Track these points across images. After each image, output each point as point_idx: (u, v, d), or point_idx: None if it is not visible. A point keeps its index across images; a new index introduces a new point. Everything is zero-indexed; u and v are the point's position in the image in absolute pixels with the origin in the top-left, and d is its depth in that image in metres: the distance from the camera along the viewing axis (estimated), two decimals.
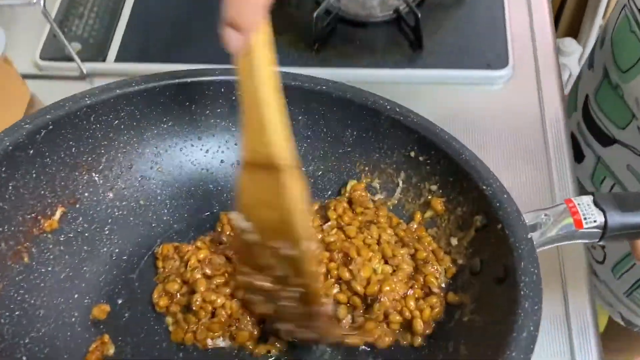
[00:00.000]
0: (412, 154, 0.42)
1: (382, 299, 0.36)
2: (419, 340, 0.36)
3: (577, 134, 0.60)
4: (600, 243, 0.35)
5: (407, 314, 0.36)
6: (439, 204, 0.41)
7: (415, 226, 0.41)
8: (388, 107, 0.42)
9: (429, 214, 0.42)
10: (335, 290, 0.38)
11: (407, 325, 0.36)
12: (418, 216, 0.42)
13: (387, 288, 0.36)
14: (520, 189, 0.49)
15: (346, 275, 0.38)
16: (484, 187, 0.37)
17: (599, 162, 0.57)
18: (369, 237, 0.40)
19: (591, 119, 0.57)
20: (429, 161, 0.41)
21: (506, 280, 0.33)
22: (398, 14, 0.58)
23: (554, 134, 0.53)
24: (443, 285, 0.38)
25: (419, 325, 0.36)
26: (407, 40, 0.58)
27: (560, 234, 0.34)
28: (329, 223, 0.41)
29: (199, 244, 0.40)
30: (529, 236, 0.34)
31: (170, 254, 0.40)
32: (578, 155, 0.60)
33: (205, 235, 0.42)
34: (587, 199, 0.35)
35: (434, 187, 0.41)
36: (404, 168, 0.43)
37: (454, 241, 0.39)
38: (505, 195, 0.36)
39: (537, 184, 0.50)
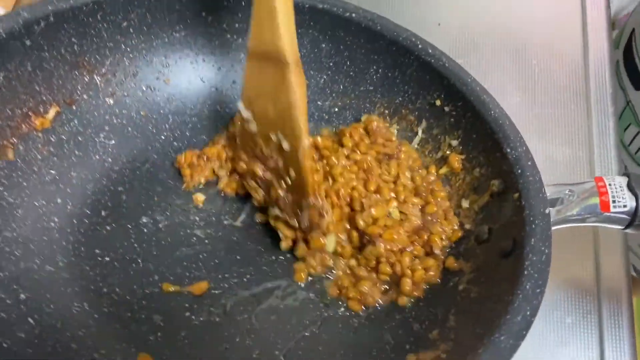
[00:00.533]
0: (438, 102, 0.38)
1: (378, 243, 0.33)
2: (404, 300, 0.33)
3: (613, 75, 0.55)
4: (626, 230, 0.31)
5: (399, 269, 0.33)
6: (456, 161, 0.37)
7: (432, 178, 0.38)
8: (420, 46, 0.38)
9: (444, 170, 0.38)
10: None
11: (396, 282, 0.34)
12: (433, 170, 0.38)
13: (389, 236, 0.34)
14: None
15: (357, 206, 0.35)
16: (508, 150, 0.33)
17: (627, 107, 0.53)
18: (386, 173, 0.37)
19: (631, 56, 0.53)
20: (454, 112, 0.37)
21: (512, 255, 0.30)
22: None
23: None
24: (446, 247, 0.35)
25: (407, 284, 0.33)
26: None
27: (582, 214, 0.31)
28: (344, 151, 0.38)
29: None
30: (547, 211, 0.30)
31: (196, 160, 0.39)
32: None
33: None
34: (621, 180, 0.31)
35: (454, 142, 0.38)
36: (426, 117, 0.39)
37: (465, 203, 0.36)
38: (529, 163, 0.32)
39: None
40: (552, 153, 0.47)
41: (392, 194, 0.36)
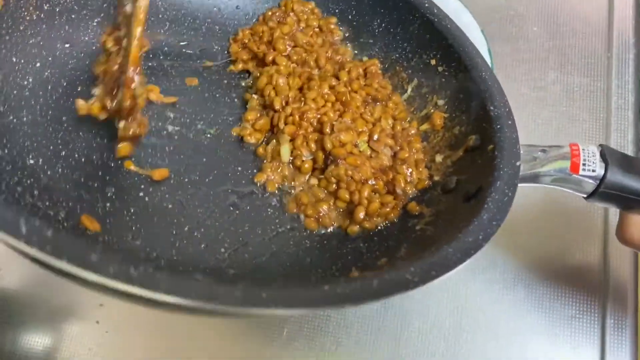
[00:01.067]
0: (433, 62, 0.38)
1: (340, 164, 0.33)
2: (354, 229, 0.33)
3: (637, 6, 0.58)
4: (589, 200, 0.31)
5: (356, 197, 0.33)
6: (439, 118, 0.37)
7: (413, 131, 0.38)
8: (426, 4, 0.39)
9: (425, 126, 0.38)
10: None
11: (352, 211, 0.33)
12: (415, 125, 0.38)
13: (353, 161, 0.33)
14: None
15: (327, 129, 0.35)
16: (491, 109, 0.33)
17: None
18: (369, 114, 0.37)
19: None
20: (446, 73, 0.38)
21: (475, 198, 0.30)
22: None
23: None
24: (410, 193, 0.34)
25: (360, 212, 0.32)
26: None
27: (551, 173, 0.31)
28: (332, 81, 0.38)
29: None
30: (518, 163, 0.30)
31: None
32: None
33: None
34: (594, 148, 0.31)
35: (441, 102, 0.38)
36: (418, 75, 0.39)
37: (439, 158, 0.36)
38: (509, 122, 0.33)
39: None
40: (570, 83, 0.49)
41: (366, 129, 0.36)
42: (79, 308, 0.46)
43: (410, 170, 0.35)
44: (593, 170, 0.30)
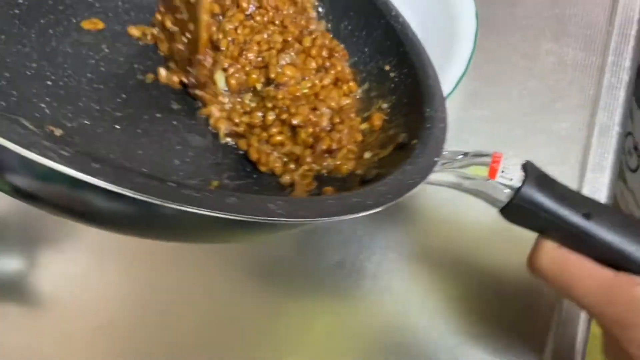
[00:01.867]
0: (387, 67, 0.38)
1: (280, 89, 0.35)
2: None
3: None
4: (502, 213, 0.31)
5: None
6: (379, 119, 0.37)
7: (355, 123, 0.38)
8: (393, 13, 0.39)
9: (364, 126, 0.38)
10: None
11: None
12: (359, 122, 0.38)
13: (294, 89, 0.35)
14: None
15: (273, 61, 0.36)
16: (427, 110, 0.33)
17: None
18: (319, 79, 0.38)
19: None
20: (396, 79, 0.38)
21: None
22: None
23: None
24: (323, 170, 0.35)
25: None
26: None
27: (469, 176, 0.31)
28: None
29: None
30: (436, 159, 0.30)
31: None
32: None
33: None
34: (517, 161, 0.31)
35: (385, 105, 0.38)
36: (370, 79, 0.39)
37: (367, 155, 0.36)
38: (442, 125, 0.33)
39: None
40: (564, 56, 0.50)
41: (314, 84, 0.37)
42: (53, 235, 0.49)
43: (337, 147, 0.35)
44: (510, 179, 0.30)
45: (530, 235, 0.31)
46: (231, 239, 0.33)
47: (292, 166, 0.34)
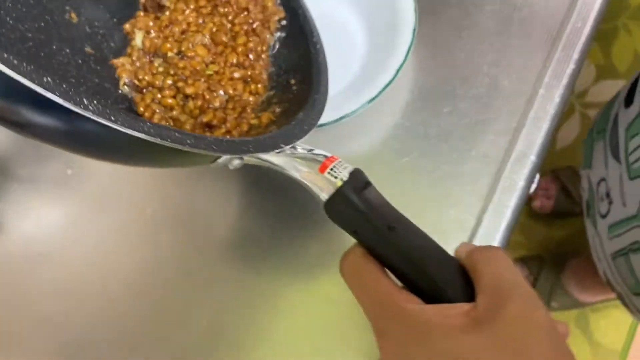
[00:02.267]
0: (293, 81, 0.43)
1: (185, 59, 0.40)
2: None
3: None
4: (325, 207, 0.34)
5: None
6: (267, 118, 0.41)
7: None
8: (314, 38, 0.43)
9: (253, 121, 0.42)
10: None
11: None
12: (252, 117, 0.43)
13: (195, 64, 0.41)
14: None
15: (191, 38, 0.42)
16: (300, 114, 0.38)
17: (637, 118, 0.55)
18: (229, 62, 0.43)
19: None
20: (295, 92, 0.42)
21: None
22: None
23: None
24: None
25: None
26: None
27: (304, 165, 0.34)
28: None
29: None
30: (280, 148, 0.34)
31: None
32: (628, 98, 0.60)
33: None
34: (349, 166, 0.34)
35: (278, 110, 0.42)
36: (277, 89, 0.44)
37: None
38: (306, 127, 0.37)
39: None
40: (500, 82, 0.53)
41: (221, 68, 0.42)
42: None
43: (217, 123, 0.40)
44: (335, 177, 0.33)
45: None
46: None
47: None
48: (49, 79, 0.25)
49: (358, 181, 0.33)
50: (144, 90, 0.40)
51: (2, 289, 0.53)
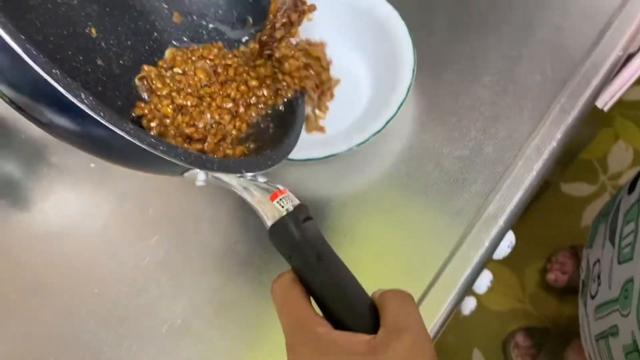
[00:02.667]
0: (272, 128, 0.50)
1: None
2: None
3: None
4: (270, 231, 0.38)
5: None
6: (241, 152, 0.47)
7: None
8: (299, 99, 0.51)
9: (229, 151, 0.48)
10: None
11: None
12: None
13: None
14: None
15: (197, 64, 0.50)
16: (268, 152, 0.43)
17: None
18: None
19: None
20: (272, 135, 0.48)
21: None
22: None
23: None
24: None
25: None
26: None
27: (258, 191, 0.39)
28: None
29: None
30: (242, 173, 0.39)
31: None
32: (632, 185, 0.63)
33: None
34: (296, 200, 0.38)
35: (252, 146, 0.47)
36: (256, 132, 0.50)
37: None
38: (270, 162, 0.42)
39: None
40: (485, 147, 0.54)
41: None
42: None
43: (197, 138, 0.46)
44: (282, 207, 0.37)
45: None
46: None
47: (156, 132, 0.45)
48: (56, 71, 0.29)
49: (300, 214, 0.37)
50: (151, 94, 0.47)
51: (21, 260, 0.60)
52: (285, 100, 0.51)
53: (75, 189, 0.63)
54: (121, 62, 0.48)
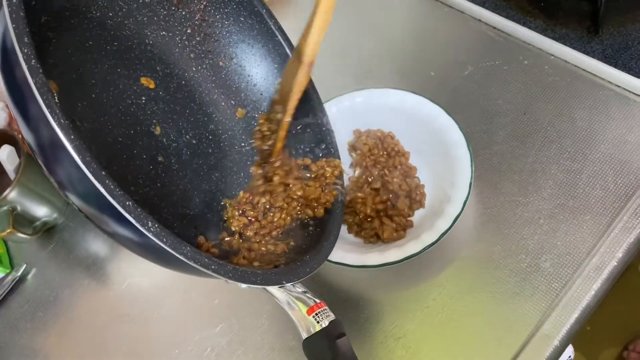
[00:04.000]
0: (312, 223, 0.53)
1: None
2: None
3: None
4: (304, 342, 0.40)
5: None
6: (281, 248, 0.50)
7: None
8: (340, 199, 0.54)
9: (270, 247, 0.51)
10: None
11: None
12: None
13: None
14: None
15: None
16: (307, 257, 0.46)
17: None
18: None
19: None
20: (312, 232, 0.52)
21: None
22: None
23: None
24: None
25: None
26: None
27: (296, 302, 0.41)
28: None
29: None
30: (282, 284, 0.41)
31: None
32: None
33: None
34: (332, 316, 0.41)
35: (292, 243, 0.50)
36: (295, 230, 0.53)
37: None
38: (308, 269, 0.44)
39: None
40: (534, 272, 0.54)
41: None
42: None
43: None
44: (317, 322, 0.40)
45: None
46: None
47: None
48: (129, 203, 0.32)
49: (334, 330, 0.39)
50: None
51: (95, 341, 0.65)
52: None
53: (149, 273, 0.68)
54: (180, 156, 0.52)
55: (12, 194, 0.66)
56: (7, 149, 0.67)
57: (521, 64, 0.68)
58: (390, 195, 0.56)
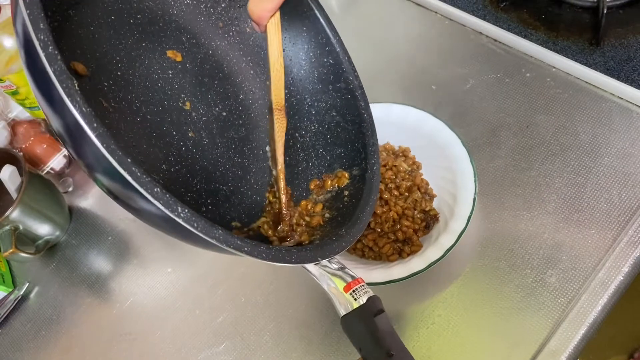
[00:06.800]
0: (346, 192, 0.50)
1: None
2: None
3: None
4: (342, 318, 0.39)
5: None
6: (317, 221, 0.49)
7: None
8: (373, 148, 0.51)
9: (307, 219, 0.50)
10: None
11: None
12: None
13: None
14: None
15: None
16: (342, 230, 0.44)
17: None
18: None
19: None
20: (347, 203, 0.49)
21: None
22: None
23: None
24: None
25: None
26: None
27: (332, 280, 0.40)
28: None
29: None
30: (318, 261, 0.40)
31: None
32: None
33: None
34: (371, 292, 0.40)
35: (327, 215, 0.49)
36: (332, 193, 0.52)
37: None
38: (344, 244, 0.43)
39: None
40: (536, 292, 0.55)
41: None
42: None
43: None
44: (355, 299, 0.39)
45: None
46: None
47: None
48: (157, 189, 0.31)
49: (372, 307, 0.38)
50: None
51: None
52: (357, 174, 0.51)
53: (152, 292, 0.68)
54: (208, 131, 0.50)
55: (14, 213, 0.66)
56: (9, 168, 0.67)
57: (523, 77, 0.68)
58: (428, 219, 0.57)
